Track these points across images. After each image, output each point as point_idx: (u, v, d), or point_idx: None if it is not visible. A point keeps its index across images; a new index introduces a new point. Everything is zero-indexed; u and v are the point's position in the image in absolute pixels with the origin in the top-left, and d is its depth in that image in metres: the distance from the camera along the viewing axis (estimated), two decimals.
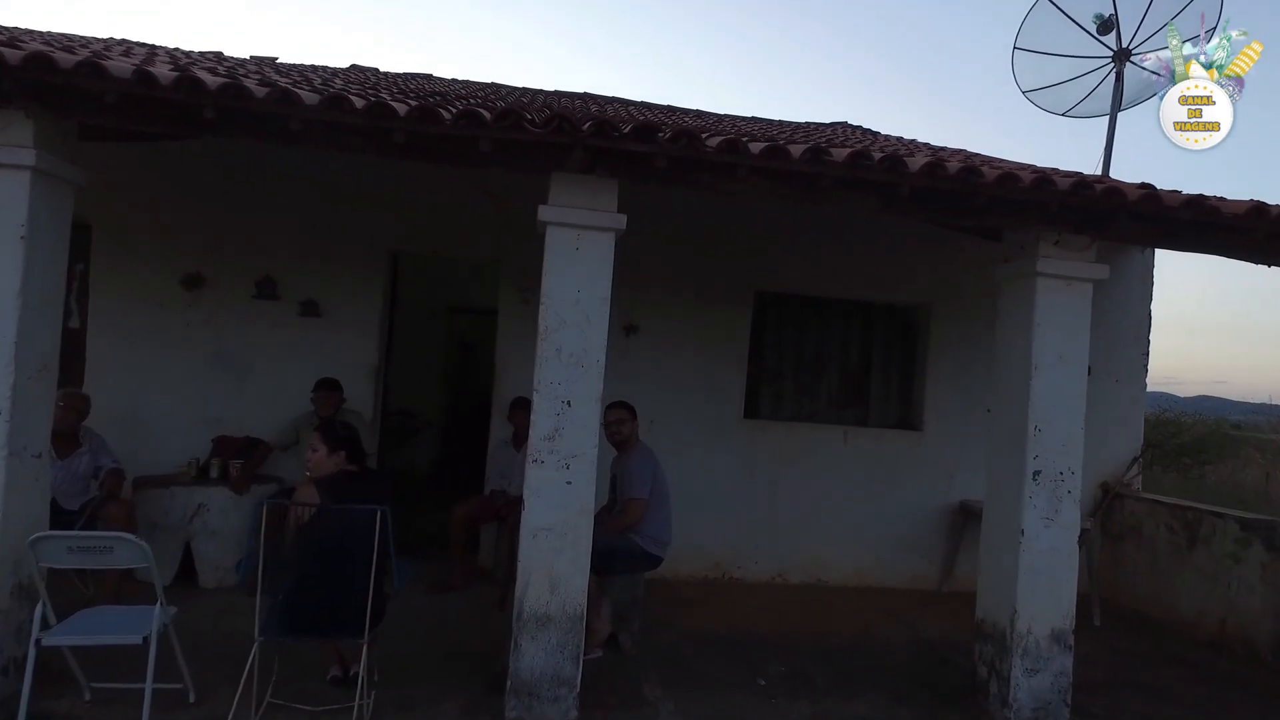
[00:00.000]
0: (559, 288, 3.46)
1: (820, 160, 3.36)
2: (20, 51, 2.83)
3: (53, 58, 2.82)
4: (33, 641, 2.97)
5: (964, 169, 3.51)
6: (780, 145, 3.33)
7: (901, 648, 4.76)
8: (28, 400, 3.28)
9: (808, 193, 3.61)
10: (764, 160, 3.33)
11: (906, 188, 3.52)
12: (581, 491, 3.46)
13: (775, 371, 6.20)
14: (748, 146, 3.29)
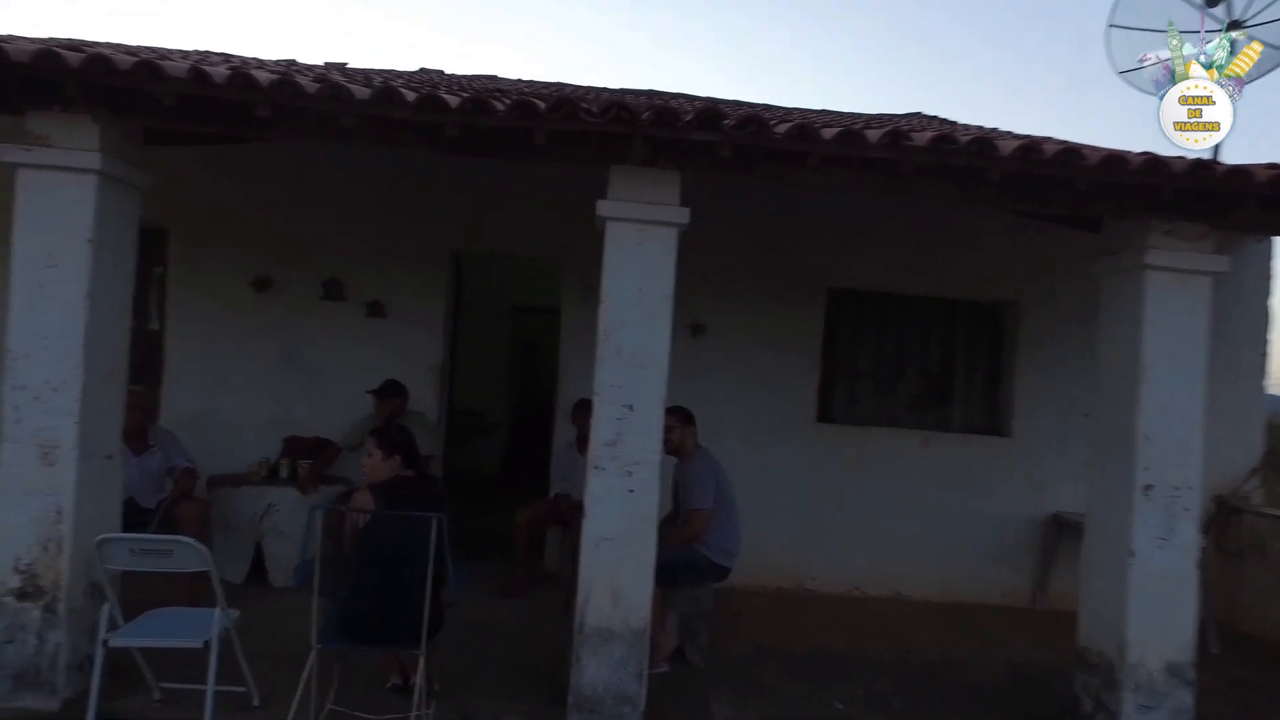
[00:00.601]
0: (620, 286, 3.30)
1: (899, 146, 3.10)
2: (81, 54, 2.84)
3: (112, 59, 2.82)
4: (99, 642, 2.99)
5: (1062, 150, 3.19)
6: (855, 130, 3.09)
7: (990, 670, 4.42)
8: (97, 403, 3.31)
9: (885, 182, 3.36)
10: (837, 147, 3.09)
11: (996, 174, 3.22)
12: (644, 500, 3.30)
13: (850, 372, 5.90)
14: (819, 133, 3.06)
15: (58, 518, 3.21)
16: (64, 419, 3.21)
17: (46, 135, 3.17)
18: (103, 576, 3.07)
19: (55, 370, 3.20)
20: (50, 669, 3.22)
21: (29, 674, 3.21)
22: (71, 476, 3.22)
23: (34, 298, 3.20)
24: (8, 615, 3.20)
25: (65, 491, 3.22)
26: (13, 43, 2.91)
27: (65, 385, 3.20)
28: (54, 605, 3.22)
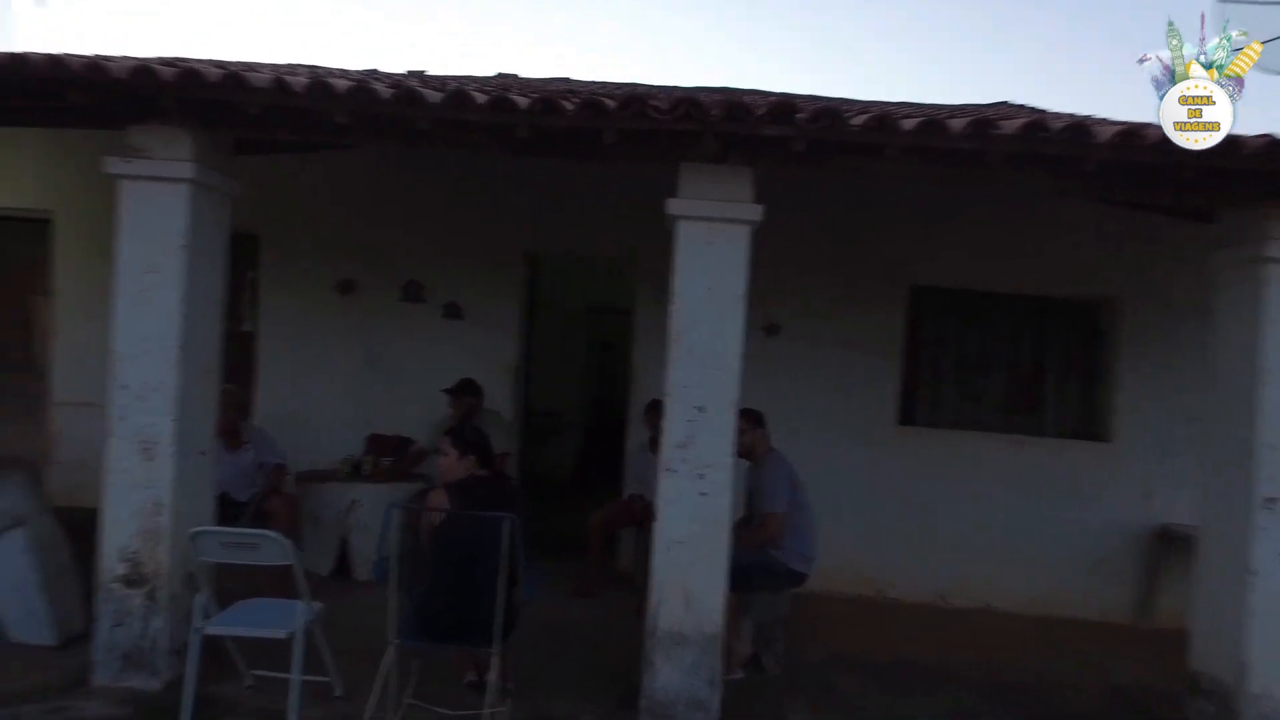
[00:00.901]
0: (690, 286, 3.25)
1: (985, 135, 2.93)
2: (174, 69, 2.98)
3: (201, 72, 2.95)
4: (194, 629, 3.13)
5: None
6: (936, 120, 2.94)
7: (1090, 691, 4.15)
8: (193, 401, 3.48)
9: (969, 173, 3.19)
10: (917, 138, 2.95)
11: (1092, 161, 3.01)
12: (717, 504, 3.24)
13: (934, 374, 5.66)
14: (898, 123, 2.93)
15: (157, 510, 3.38)
16: (163, 417, 3.38)
17: (145, 147, 3.34)
18: (197, 567, 3.21)
19: (155, 371, 3.37)
20: (152, 652, 3.40)
21: (134, 656, 3.40)
22: (169, 471, 3.39)
23: (136, 303, 3.38)
24: (115, 600, 3.40)
25: (164, 485, 3.39)
26: (114, 61, 3.08)
27: (164, 385, 3.37)
28: (155, 592, 3.39)
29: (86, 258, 5.75)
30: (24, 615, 3.75)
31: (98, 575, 3.43)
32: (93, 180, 5.49)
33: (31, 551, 3.75)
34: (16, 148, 5.79)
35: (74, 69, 3.02)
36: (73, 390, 5.81)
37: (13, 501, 3.75)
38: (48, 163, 5.80)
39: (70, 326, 5.84)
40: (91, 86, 3.07)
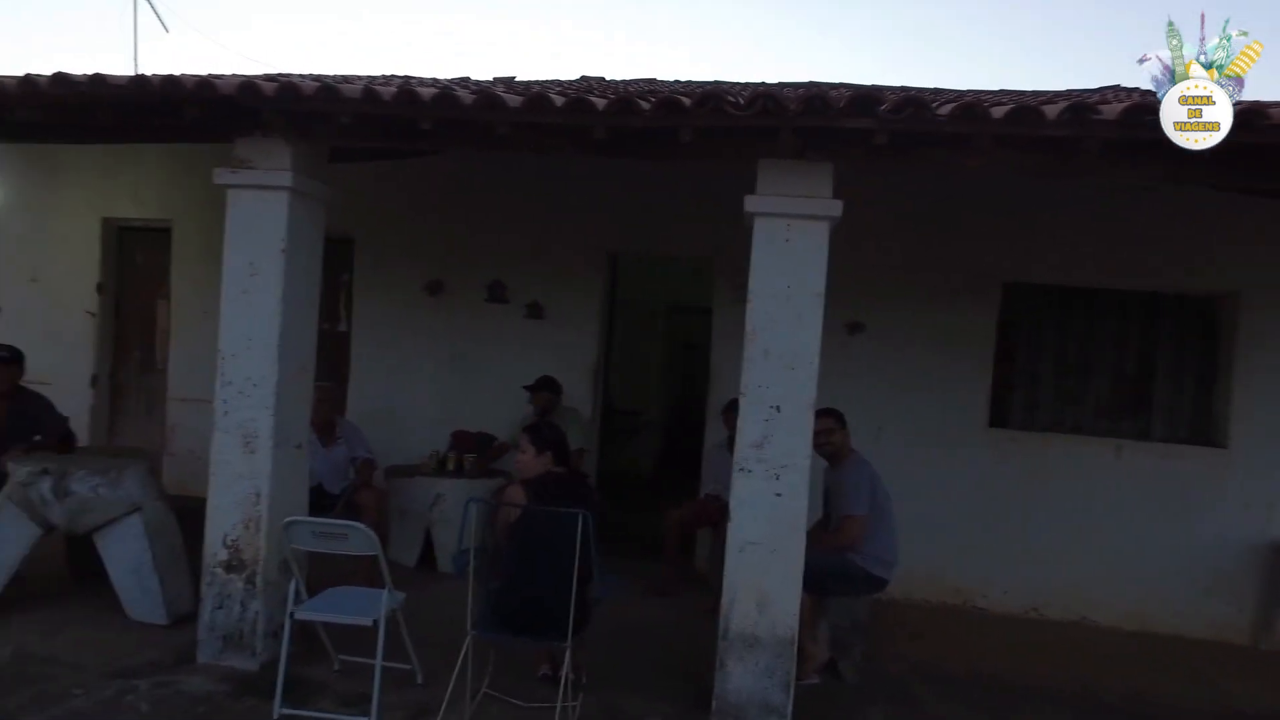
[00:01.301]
0: (767, 283, 3.20)
1: (1084, 120, 2.77)
2: (274, 84, 3.15)
3: (298, 85, 3.11)
4: (287, 614, 3.30)
5: None
6: (1030, 105, 2.79)
7: (1204, 715, 3.87)
8: (289, 397, 3.67)
9: (1067, 162, 3.03)
10: (1009, 126, 2.81)
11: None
12: (792, 505, 3.18)
13: (1029, 375, 5.39)
14: (987, 111, 2.80)
15: (256, 499, 3.58)
16: (262, 411, 3.58)
17: (249, 159, 3.55)
18: (290, 554, 3.38)
19: (256, 368, 3.58)
20: (250, 634, 3.60)
21: (234, 637, 3.61)
22: (268, 464, 3.59)
23: (239, 303, 3.59)
24: (218, 584, 3.62)
25: (263, 476, 3.59)
26: (222, 80, 3.29)
27: (264, 381, 3.57)
28: (253, 578, 3.60)
29: (201, 264, 6.15)
30: (139, 595, 4.04)
31: (203, 560, 3.66)
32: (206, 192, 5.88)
33: (147, 536, 4.04)
34: (140, 164, 6.27)
35: (187, 87, 3.24)
36: (187, 387, 6.24)
37: (131, 489, 4.05)
38: (168, 177, 6.25)
39: (185, 328, 6.27)
40: (203, 103, 3.29)
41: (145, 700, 3.26)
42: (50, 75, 3.31)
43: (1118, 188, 4.66)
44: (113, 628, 3.92)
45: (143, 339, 6.61)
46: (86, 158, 6.32)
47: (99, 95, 3.30)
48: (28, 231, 6.45)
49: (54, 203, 6.44)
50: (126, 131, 3.86)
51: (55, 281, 6.43)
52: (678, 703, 3.52)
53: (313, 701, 3.31)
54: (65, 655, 3.61)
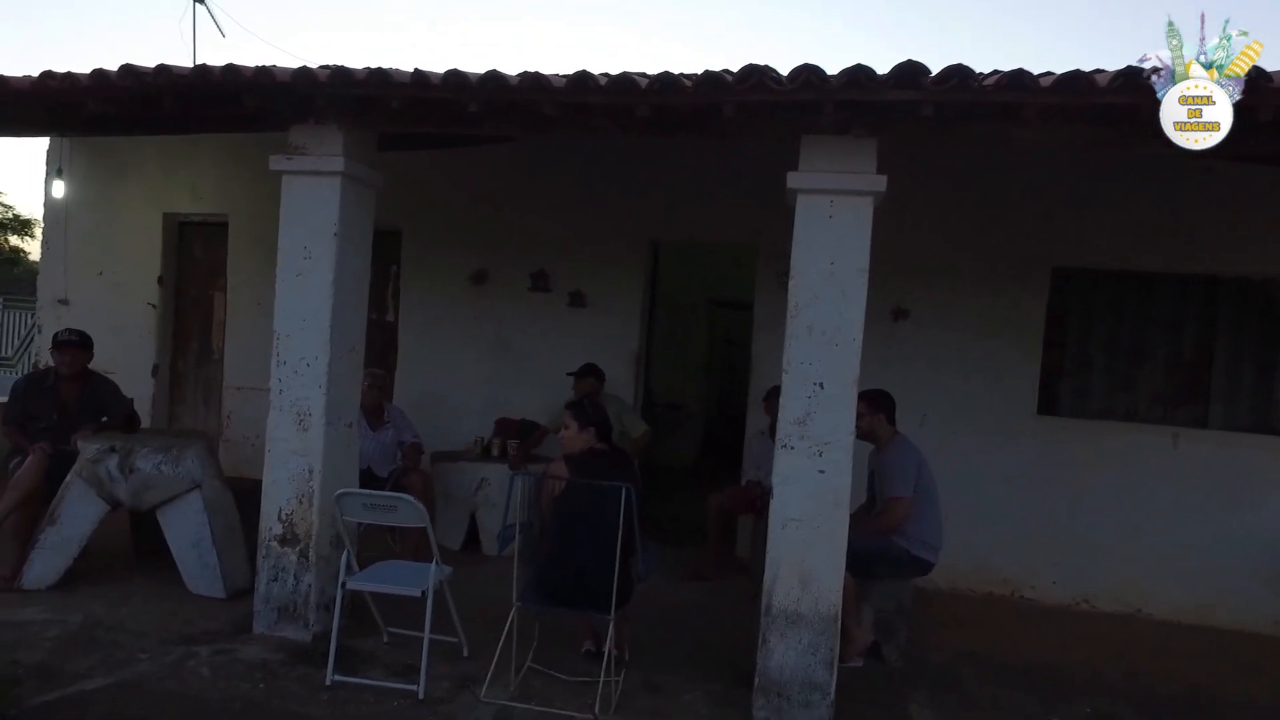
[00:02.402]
0: (810, 260, 3.19)
1: (1139, 86, 2.70)
2: (327, 70, 3.26)
3: (350, 70, 3.21)
4: (339, 584, 3.40)
5: None
6: (1080, 73, 2.74)
7: (1265, 711, 3.74)
8: (340, 377, 3.78)
9: (1122, 135, 2.96)
10: (1058, 95, 2.77)
11: (1268, 111, 2.71)
12: (836, 482, 3.16)
13: (1079, 361, 5.26)
14: (1036, 80, 2.76)
15: (309, 475, 3.70)
16: (315, 390, 3.69)
17: (303, 145, 3.67)
18: (342, 527, 3.48)
19: (309, 348, 3.69)
20: (303, 606, 3.71)
21: (287, 609, 3.73)
22: (320, 441, 3.69)
23: (293, 286, 3.71)
24: (273, 557, 3.74)
25: (315, 453, 3.70)
26: (277, 68, 3.40)
27: (316, 361, 3.68)
28: (306, 551, 3.71)
29: (254, 256, 6.36)
30: (199, 569, 4.19)
31: (259, 534, 3.78)
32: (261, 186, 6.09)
33: (206, 512, 4.19)
34: (198, 160, 6.50)
35: (246, 75, 3.36)
36: (241, 376, 6.44)
37: (192, 467, 4.21)
38: (224, 171, 6.46)
39: (239, 318, 6.48)
40: (260, 90, 3.41)
41: (206, 666, 3.39)
42: (119, 67, 3.46)
43: (1172, 169, 4.54)
44: (173, 599, 4.08)
45: (200, 330, 6.85)
46: (148, 155, 6.58)
47: (163, 85, 3.45)
48: (94, 227, 6.73)
49: (118, 199, 6.71)
50: (188, 122, 4.01)
51: (120, 275, 6.70)
52: (719, 681, 3.54)
53: (363, 671, 3.41)
54: (130, 623, 3.76)
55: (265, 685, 3.25)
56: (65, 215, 6.74)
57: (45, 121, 4.40)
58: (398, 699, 3.19)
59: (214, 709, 3.03)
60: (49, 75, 3.56)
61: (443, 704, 3.18)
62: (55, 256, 6.80)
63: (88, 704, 2.99)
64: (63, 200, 6.68)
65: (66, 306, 6.71)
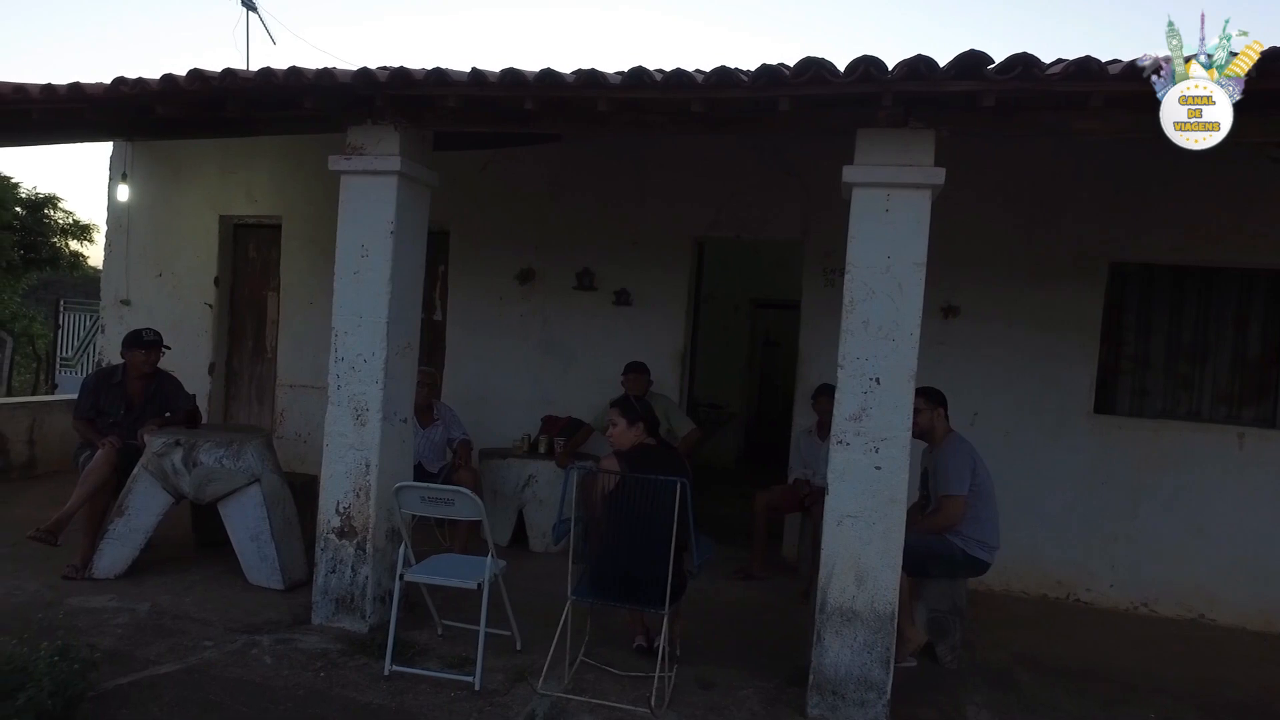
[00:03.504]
0: (866, 254, 3.16)
1: None
2: (386, 70, 3.32)
3: (409, 70, 3.27)
4: (397, 576, 3.45)
5: None
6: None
7: None
8: (396, 372, 3.84)
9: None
10: (1129, 83, 2.70)
11: None
12: (892, 478, 3.13)
13: (1138, 359, 5.13)
14: (1104, 68, 2.70)
15: (366, 469, 3.77)
16: (372, 385, 3.76)
17: (361, 145, 3.74)
18: (400, 520, 3.54)
19: (366, 344, 3.76)
20: (360, 598, 3.78)
21: (345, 601, 3.80)
22: (377, 435, 3.76)
23: (351, 283, 3.78)
24: (331, 550, 3.82)
25: (372, 447, 3.77)
26: (337, 70, 3.48)
27: (373, 357, 3.75)
28: (364, 544, 3.78)
29: (306, 256, 6.52)
30: (258, 561, 4.30)
31: (318, 527, 3.86)
32: (313, 188, 6.27)
33: (265, 505, 4.29)
34: (254, 164, 6.67)
35: (308, 77, 3.44)
36: (293, 374, 6.60)
37: (251, 461, 4.32)
38: (279, 175, 6.63)
39: (291, 317, 6.64)
40: (321, 91, 3.49)
41: (268, 654, 3.47)
42: (187, 72, 3.57)
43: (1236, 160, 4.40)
44: (233, 590, 4.19)
45: (254, 329, 7.03)
46: (206, 160, 6.77)
47: (229, 88, 3.55)
48: (154, 230, 6.95)
49: (177, 202, 6.91)
50: (248, 124, 4.12)
51: (178, 276, 6.90)
52: (772, 678, 3.52)
53: (419, 662, 3.46)
54: (194, 612, 3.88)
55: (326, 674, 3.32)
56: (127, 218, 6.96)
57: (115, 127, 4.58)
58: (454, 690, 3.24)
59: (279, 696, 3.10)
60: (121, 81, 3.68)
61: (498, 695, 3.22)
62: (118, 258, 7.03)
63: (160, 688, 3.08)
64: (125, 204, 6.91)
65: (128, 307, 6.93)
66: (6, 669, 2.64)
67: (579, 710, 3.14)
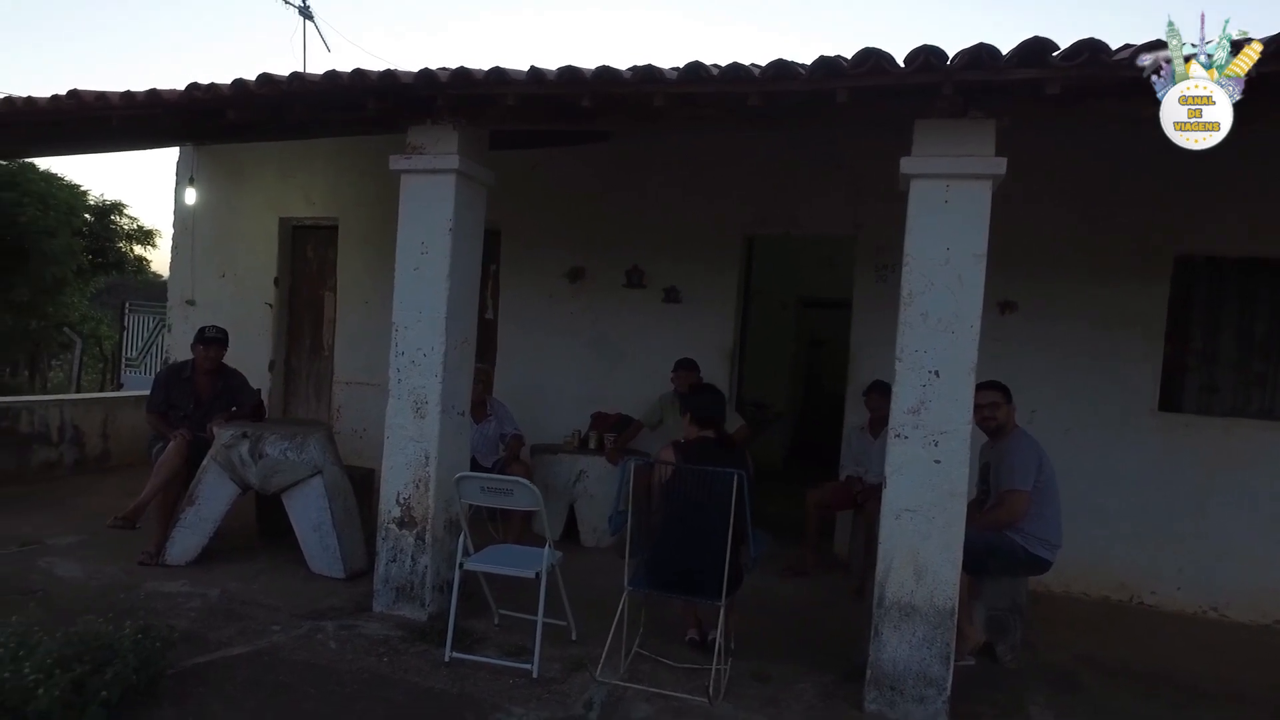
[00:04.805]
0: (924, 246, 3.13)
1: None
2: (447, 71, 3.40)
3: (470, 70, 3.35)
4: (456, 564, 3.53)
5: None
6: (1234, 41, 2.60)
7: None
8: (455, 367, 3.92)
9: (1269, 106, 2.79)
10: None
11: None
12: (952, 472, 3.09)
13: (1205, 355, 4.97)
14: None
15: (425, 461, 3.85)
16: (431, 379, 3.84)
17: (421, 145, 3.83)
18: (460, 509, 3.62)
19: (426, 339, 3.85)
20: (420, 586, 3.87)
21: (405, 589, 3.89)
22: (435, 427, 3.85)
23: (412, 279, 3.87)
24: (391, 539, 3.91)
25: (431, 439, 3.85)
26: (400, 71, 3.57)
27: (433, 351, 3.84)
28: (423, 534, 3.86)
29: (362, 256, 6.68)
30: (320, 550, 4.42)
31: (379, 517, 3.96)
32: (369, 190, 6.44)
33: (327, 496, 4.42)
34: (312, 167, 6.87)
35: (371, 80, 3.55)
36: (350, 371, 6.77)
37: (314, 453, 4.45)
38: (335, 177, 6.81)
39: (348, 316, 6.81)
40: (384, 93, 3.59)
41: (333, 639, 3.58)
42: (257, 77, 3.71)
43: None
44: (297, 578, 4.33)
45: (311, 327, 7.23)
46: (267, 164, 7.00)
47: (296, 91, 3.67)
48: (217, 232, 7.20)
49: (239, 205, 7.16)
50: (311, 127, 4.26)
51: (240, 276, 7.14)
52: (828, 672, 3.51)
53: (477, 650, 3.53)
54: (261, 598, 4.01)
55: (389, 659, 3.41)
56: (192, 221, 7.23)
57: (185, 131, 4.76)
58: (512, 677, 3.30)
59: (345, 678, 3.20)
60: (195, 87, 3.84)
61: (556, 683, 3.27)
62: (183, 259, 7.31)
63: (233, 669, 3.20)
64: (191, 207, 7.18)
65: (193, 307, 7.19)
66: (95, 645, 2.77)
67: (636, 699, 3.17)
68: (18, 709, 2.47)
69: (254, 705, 2.93)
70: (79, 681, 2.61)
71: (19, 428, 6.19)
